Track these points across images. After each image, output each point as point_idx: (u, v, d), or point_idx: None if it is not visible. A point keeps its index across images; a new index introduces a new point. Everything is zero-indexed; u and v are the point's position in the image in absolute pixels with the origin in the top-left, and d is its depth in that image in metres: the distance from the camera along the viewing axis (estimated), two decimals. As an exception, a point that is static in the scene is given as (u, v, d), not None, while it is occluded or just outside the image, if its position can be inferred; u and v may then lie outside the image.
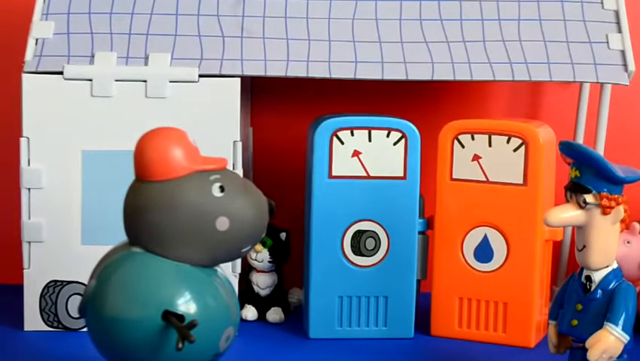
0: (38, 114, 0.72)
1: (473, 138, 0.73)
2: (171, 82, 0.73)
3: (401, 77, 0.75)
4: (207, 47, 0.75)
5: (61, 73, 0.73)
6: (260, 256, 0.78)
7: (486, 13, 0.78)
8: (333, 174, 0.73)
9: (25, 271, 0.74)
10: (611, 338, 0.58)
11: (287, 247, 0.79)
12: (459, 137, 0.74)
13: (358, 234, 0.74)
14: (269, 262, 0.78)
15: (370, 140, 0.73)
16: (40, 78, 0.73)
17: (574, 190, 0.59)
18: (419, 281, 0.76)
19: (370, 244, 0.74)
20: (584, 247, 0.59)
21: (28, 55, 0.73)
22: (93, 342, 0.59)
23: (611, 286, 0.60)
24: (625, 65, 0.75)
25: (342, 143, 0.73)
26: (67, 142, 0.73)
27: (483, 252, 0.74)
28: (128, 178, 0.60)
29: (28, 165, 0.73)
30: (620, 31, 0.77)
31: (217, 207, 0.58)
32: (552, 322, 0.62)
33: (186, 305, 0.57)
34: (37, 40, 0.74)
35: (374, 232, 0.74)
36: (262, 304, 0.79)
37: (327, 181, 0.73)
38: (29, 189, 0.73)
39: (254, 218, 0.60)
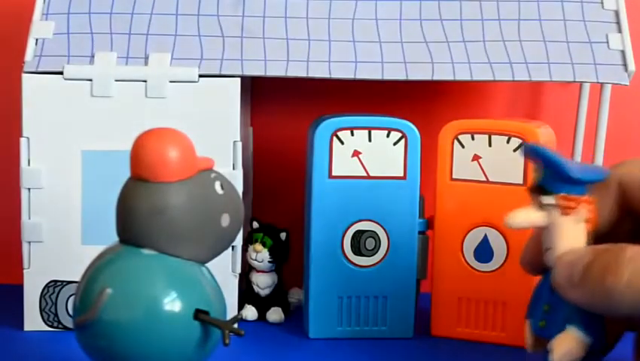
0: (38, 114, 0.72)
1: (473, 138, 0.73)
2: (171, 82, 0.73)
3: (401, 77, 0.75)
4: (207, 47, 0.75)
5: (61, 73, 0.73)
6: (260, 256, 0.78)
7: (486, 13, 0.78)
8: (333, 174, 0.73)
9: (25, 271, 0.74)
10: (573, 340, 0.57)
11: (287, 247, 0.79)
12: (459, 137, 0.74)
13: (358, 234, 0.74)
14: (269, 262, 0.78)
15: (370, 140, 0.73)
16: (40, 78, 0.73)
17: (535, 192, 0.59)
18: (418, 281, 0.76)
19: (370, 244, 0.74)
20: (550, 248, 0.59)
21: (28, 55, 0.73)
22: (82, 346, 0.59)
23: None
24: (625, 65, 0.75)
25: (342, 143, 0.73)
26: (67, 142, 0.73)
27: (483, 252, 0.74)
28: (128, 178, 0.60)
29: (28, 165, 0.73)
30: (620, 31, 0.77)
31: (222, 204, 0.59)
32: (528, 320, 0.62)
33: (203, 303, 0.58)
34: (37, 40, 0.74)
35: (374, 232, 0.74)
36: (262, 304, 0.79)
37: (327, 181, 0.73)
38: (29, 189, 0.73)
39: (243, 213, 0.61)
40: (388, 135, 0.73)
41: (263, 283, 0.79)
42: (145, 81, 0.73)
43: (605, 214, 0.59)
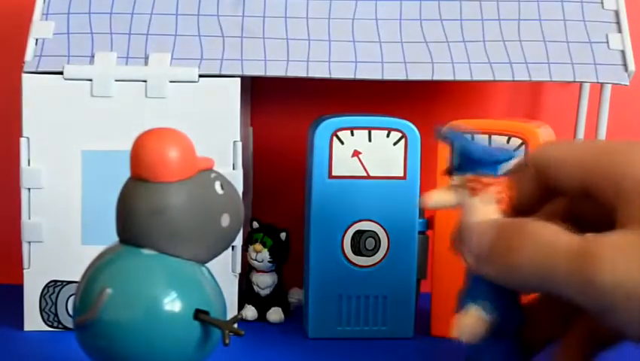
0: (38, 114, 0.72)
1: (473, 138, 0.73)
2: (171, 82, 0.73)
3: (401, 77, 0.75)
4: (207, 47, 0.75)
5: (61, 73, 0.73)
6: (260, 256, 0.78)
7: (486, 13, 0.78)
8: (333, 174, 0.73)
9: (25, 271, 0.74)
10: (473, 316, 0.56)
11: (287, 247, 0.79)
12: (459, 137, 0.73)
13: (358, 234, 0.74)
14: (269, 262, 0.78)
15: (370, 140, 0.73)
16: (40, 78, 0.73)
17: (447, 173, 0.59)
18: (418, 281, 0.76)
19: (370, 244, 0.74)
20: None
21: (28, 55, 0.73)
22: (82, 346, 0.59)
23: None
24: (625, 65, 0.75)
25: (342, 143, 0.73)
26: (67, 142, 0.73)
27: (483, 252, 0.74)
28: (128, 178, 0.60)
29: (28, 165, 0.73)
30: (620, 31, 0.77)
31: (221, 204, 0.59)
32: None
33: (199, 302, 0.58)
34: (37, 40, 0.74)
35: (374, 232, 0.74)
36: (262, 304, 0.79)
37: (327, 181, 0.73)
38: (29, 189, 0.73)
39: (243, 213, 0.61)
40: (388, 135, 0.73)
41: (263, 283, 0.79)
42: (145, 81, 0.73)
43: (526, 195, 0.58)
